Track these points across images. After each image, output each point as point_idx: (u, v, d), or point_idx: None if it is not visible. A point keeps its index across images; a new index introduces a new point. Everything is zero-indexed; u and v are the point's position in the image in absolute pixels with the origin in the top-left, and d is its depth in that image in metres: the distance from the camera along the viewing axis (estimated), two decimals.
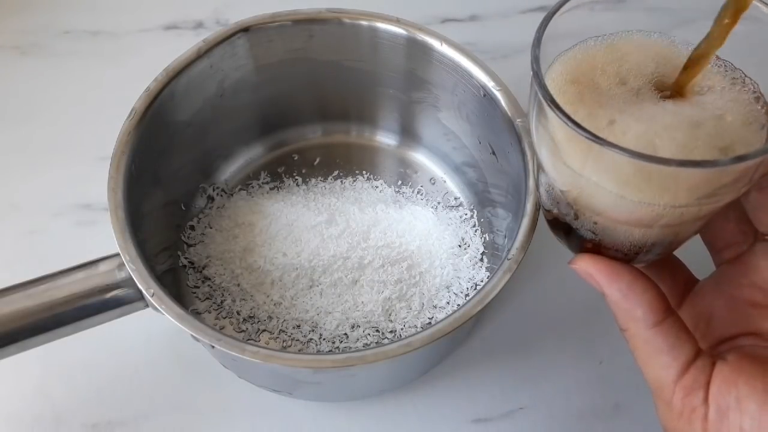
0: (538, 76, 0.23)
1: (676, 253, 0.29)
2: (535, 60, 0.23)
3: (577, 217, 0.25)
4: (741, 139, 0.22)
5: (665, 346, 0.24)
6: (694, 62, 0.23)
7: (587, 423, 0.39)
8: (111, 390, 0.39)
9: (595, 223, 0.24)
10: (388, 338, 0.39)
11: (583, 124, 0.21)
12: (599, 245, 0.26)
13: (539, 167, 0.26)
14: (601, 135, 0.21)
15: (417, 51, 0.40)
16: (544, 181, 0.26)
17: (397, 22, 0.40)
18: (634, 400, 0.39)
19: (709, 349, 0.26)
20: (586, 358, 0.40)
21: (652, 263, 0.28)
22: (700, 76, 0.24)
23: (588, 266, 0.25)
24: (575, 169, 0.23)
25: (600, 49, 0.25)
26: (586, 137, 0.21)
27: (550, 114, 0.22)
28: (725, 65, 0.24)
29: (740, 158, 0.20)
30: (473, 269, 0.41)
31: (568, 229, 0.26)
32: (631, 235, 0.24)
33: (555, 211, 0.26)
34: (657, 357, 0.24)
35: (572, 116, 0.21)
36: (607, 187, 0.22)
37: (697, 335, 0.26)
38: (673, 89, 0.24)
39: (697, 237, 0.28)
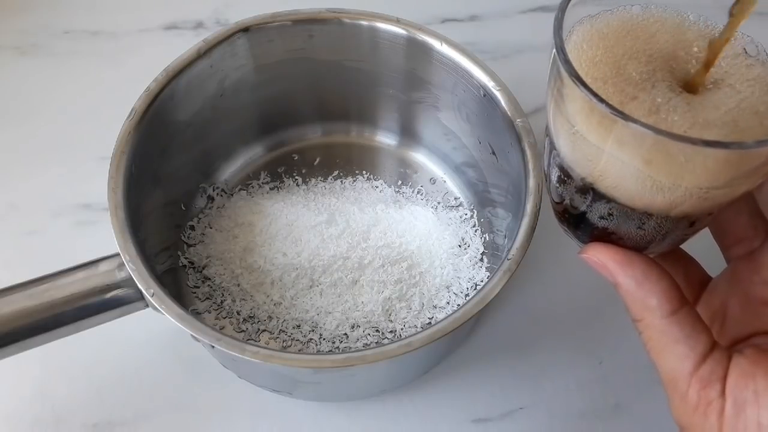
0: (562, 52, 0.22)
1: (688, 251, 0.29)
2: (558, 36, 0.22)
3: (591, 205, 0.25)
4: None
5: (681, 336, 0.23)
6: (709, 59, 0.22)
7: (587, 423, 0.39)
8: (111, 390, 0.39)
9: (610, 209, 0.24)
10: (388, 338, 0.39)
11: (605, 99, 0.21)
12: (611, 234, 0.25)
13: (552, 151, 0.26)
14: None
15: (417, 51, 0.40)
16: (557, 165, 0.26)
17: (397, 22, 0.40)
18: (634, 400, 0.39)
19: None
20: (586, 358, 0.40)
21: (666, 260, 0.27)
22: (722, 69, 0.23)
23: (600, 254, 0.25)
24: (596, 144, 0.22)
25: (617, 24, 0.25)
26: (611, 113, 0.20)
27: (573, 89, 0.21)
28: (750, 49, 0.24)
29: (765, 142, 0.20)
30: (473, 269, 0.41)
31: (579, 219, 0.26)
32: (645, 223, 0.24)
33: (566, 200, 0.26)
34: (673, 347, 0.23)
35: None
36: (629, 165, 0.22)
37: (713, 335, 0.25)
38: (692, 82, 0.23)
39: (707, 234, 0.27)
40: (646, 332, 0.24)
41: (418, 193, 0.45)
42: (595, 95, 0.21)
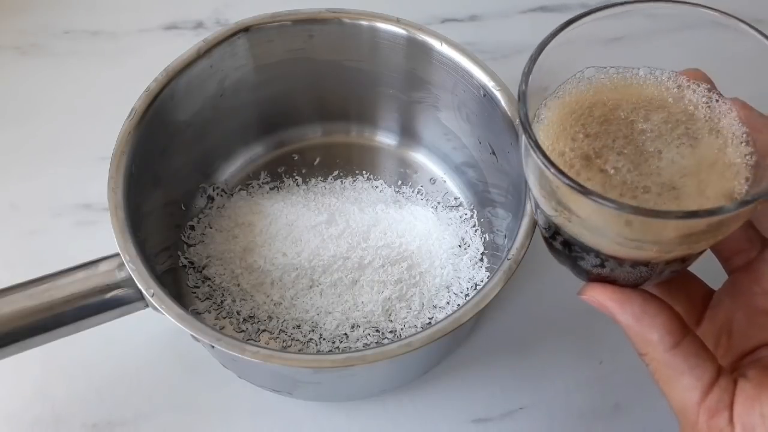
0: (527, 127, 0.22)
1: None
2: (523, 103, 0.23)
3: (581, 255, 0.25)
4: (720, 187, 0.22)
5: (686, 367, 0.23)
6: None
7: (587, 423, 0.39)
8: (111, 390, 0.39)
9: (601, 261, 0.24)
10: (388, 338, 0.39)
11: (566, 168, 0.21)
12: (607, 277, 0.25)
13: (537, 208, 0.26)
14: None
15: (417, 51, 0.40)
16: (542, 220, 0.26)
17: (397, 22, 0.40)
18: (634, 400, 0.39)
19: (732, 363, 0.26)
20: (586, 358, 0.40)
21: (665, 282, 0.28)
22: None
23: (598, 295, 0.25)
24: (568, 211, 0.22)
25: (593, 88, 0.25)
26: (574, 187, 0.21)
27: (535, 160, 0.22)
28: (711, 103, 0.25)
29: (746, 202, 0.20)
30: (473, 269, 0.41)
31: (573, 265, 0.26)
32: (636, 268, 0.24)
33: (558, 248, 0.26)
34: (679, 379, 0.23)
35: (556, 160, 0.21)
36: (601, 232, 0.22)
37: (720, 351, 0.25)
38: None
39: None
40: (651, 365, 0.24)
41: (418, 193, 0.45)
42: (559, 171, 0.21)
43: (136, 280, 0.31)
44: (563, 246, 0.25)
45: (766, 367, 0.24)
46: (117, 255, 0.32)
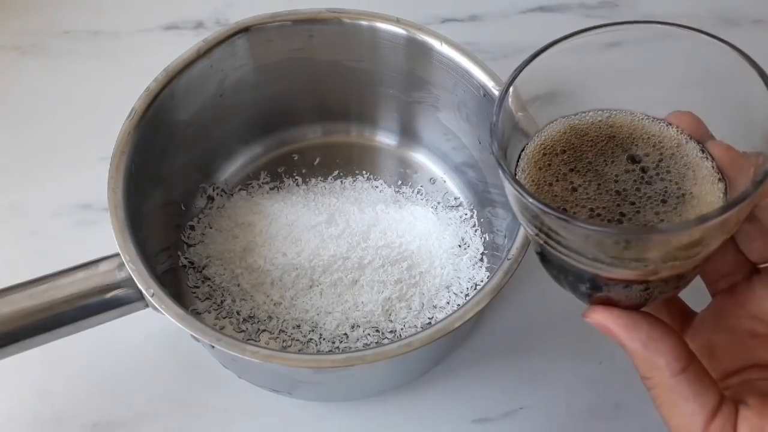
0: (499, 161, 0.23)
1: None
2: (494, 133, 0.24)
3: (579, 279, 0.25)
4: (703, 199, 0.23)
5: (690, 393, 0.23)
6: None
7: (587, 423, 0.39)
8: (111, 390, 0.39)
9: (599, 284, 0.24)
10: (388, 338, 0.39)
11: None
12: (608, 298, 0.25)
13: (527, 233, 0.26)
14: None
15: (417, 51, 0.40)
16: (536, 251, 0.26)
17: (397, 22, 0.40)
18: (634, 400, 0.39)
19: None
20: (586, 358, 0.40)
21: None
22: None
23: (603, 319, 0.25)
24: (546, 235, 0.22)
25: (584, 124, 0.26)
26: (555, 215, 0.21)
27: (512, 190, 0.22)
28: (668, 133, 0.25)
29: (727, 208, 0.20)
30: (473, 269, 0.41)
31: (574, 289, 0.26)
32: (632, 288, 0.24)
33: (555, 274, 0.26)
34: (683, 405, 0.23)
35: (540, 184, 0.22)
36: (583, 254, 0.22)
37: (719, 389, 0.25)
38: None
39: None
40: (655, 390, 0.24)
41: (418, 193, 0.45)
42: (534, 196, 0.21)
43: (136, 280, 0.31)
44: (559, 271, 0.25)
45: (766, 395, 0.24)
46: (117, 255, 0.32)
